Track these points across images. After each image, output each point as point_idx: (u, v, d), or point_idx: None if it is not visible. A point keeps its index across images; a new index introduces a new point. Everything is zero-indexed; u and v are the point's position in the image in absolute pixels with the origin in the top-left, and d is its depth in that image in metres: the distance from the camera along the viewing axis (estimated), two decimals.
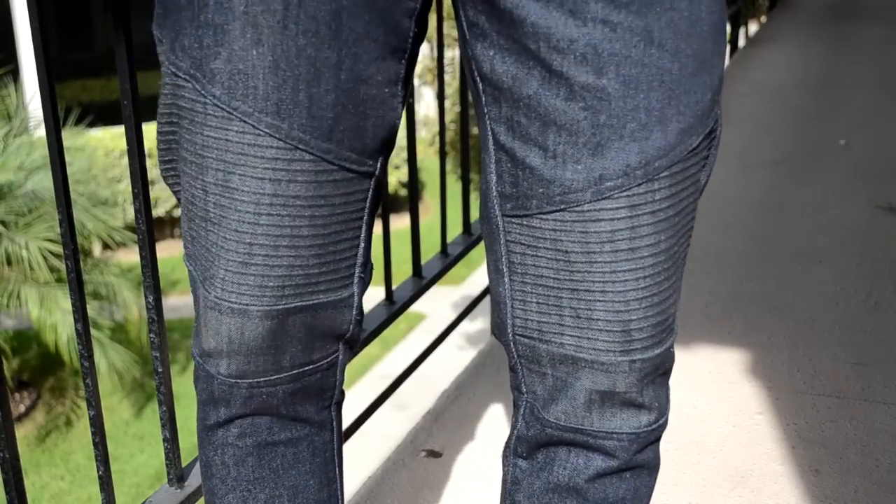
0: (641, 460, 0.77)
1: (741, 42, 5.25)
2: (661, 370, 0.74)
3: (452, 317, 1.87)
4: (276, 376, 0.77)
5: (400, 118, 0.74)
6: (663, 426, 0.77)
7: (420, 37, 0.73)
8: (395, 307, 1.57)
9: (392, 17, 0.68)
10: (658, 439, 0.78)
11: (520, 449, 0.80)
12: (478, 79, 0.69)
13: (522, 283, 0.72)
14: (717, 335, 1.97)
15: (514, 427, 0.81)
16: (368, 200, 0.75)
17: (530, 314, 0.73)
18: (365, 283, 0.80)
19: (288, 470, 0.82)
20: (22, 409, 6.32)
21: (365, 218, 0.76)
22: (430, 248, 1.67)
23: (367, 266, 0.79)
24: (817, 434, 1.60)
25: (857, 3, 6.53)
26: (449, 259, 1.76)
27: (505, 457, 0.83)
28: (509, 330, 0.75)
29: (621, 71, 0.63)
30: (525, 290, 0.72)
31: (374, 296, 1.64)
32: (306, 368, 0.78)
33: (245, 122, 0.67)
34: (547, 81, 0.64)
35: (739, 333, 1.97)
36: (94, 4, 9.11)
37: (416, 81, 7.63)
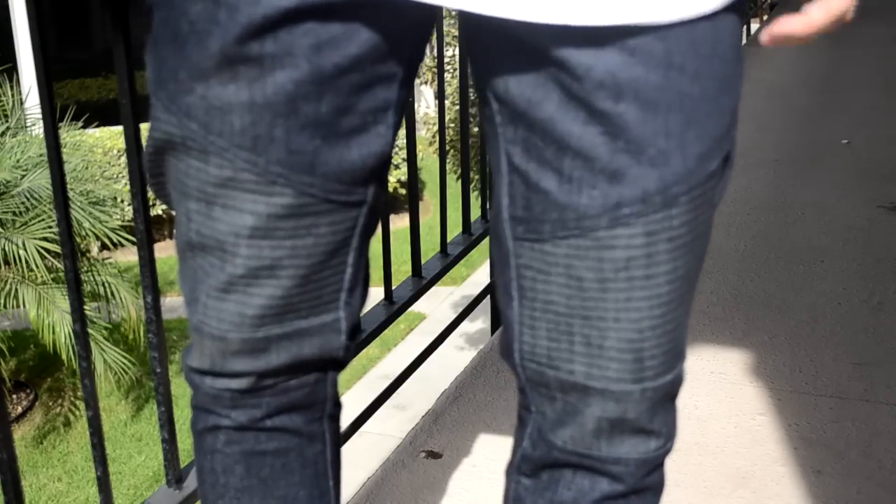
0: (648, 483, 0.76)
1: (743, 40, 5.25)
2: (670, 395, 0.73)
3: (452, 317, 1.87)
4: (259, 391, 0.76)
5: (390, 146, 0.72)
6: (670, 448, 0.76)
7: (415, 61, 0.70)
8: (394, 307, 1.56)
9: (382, 47, 0.66)
10: (664, 462, 0.77)
11: (524, 467, 0.79)
12: (492, 100, 0.67)
13: (532, 308, 0.70)
14: (719, 335, 1.97)
15: (518, 445, 0.79)
16: (358, 228, 0.73)
17: (539, 340, 0.71)
18: (353, 308, 0.77)
19: (277, 480, 0.80)
20: (19, 409, 6.30)
21: (354, 244, 0.73)
22: (430, 247, 1.66)
23: (356, 291, 0.77)
24: (819, 435, 1.59)
25: (858, 2, 6.51)
26: (449, 259, 1.75)
27: (508, 474, 0.81)
28: (516, 354, 0.73)
29: (640, 96, 0.61)
30: (535, 316, 0.70)
31: (373, 296, 1.64)
32: (291, 383, 0.77)
33: (221, 157, 0.66)
34: (564, 105, 0.62)
35: (741, 334, 1.97)
36: (93, 3, 9.10)
37: (416, 81, 7.61)
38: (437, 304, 6.76)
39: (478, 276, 7.20)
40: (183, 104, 0.65)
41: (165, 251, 7.66)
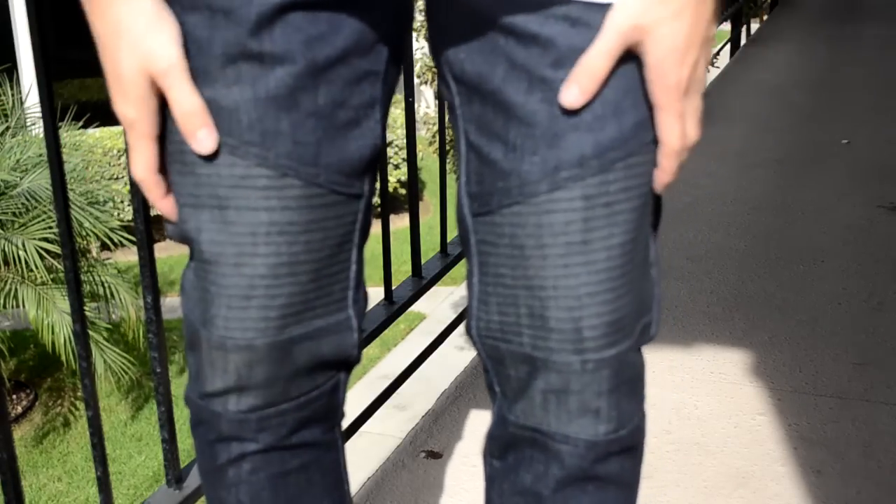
0: (603, 472, 0.75)
1: (742, 40, 5.25)
2: (621, 376, 0.73)
3: (452, 317, 1.87)
4: (285, 406, 0.77)
5: (381, 139, 0.75)
6: (626, 439, 0.75)
7: (396, 58, 0.74)
8: (394, 307, 1.56)
9: (365, 42, 0.70)
10: (623, 452, 0.76)
11: (492, 448, 0.81)
12: (451, 81, 0.70)
13: (486, 282, 0.73)
14: (719, 335, 1.97)
15: (489, 426, 0.82)
16: (358, 223, 0.76)
17: (492, 314, 0.73)
18: (360, 307, 0.80)
19: (302, 496, 0.81)
20: (19, 409, 6.31)
21: (355, 240, 0.76)
22: (430, 248, 1.66)
23: (360, 289, 0.79)
24: (819, 435, 1.59)
25: (858, 2, 6.53)
26: (449, 259, 1.75)
27: (483, 456, 0.83)
28: (474, 331, 0.75)
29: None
30: (488, 291, 0.73)
31: (374, 296, 1.63)
32: (312, 394, 0.78)
33: (233, 155, 0.68)
34: (510, 75, 0.66)
35: (741, 333, 1.97)
36: None
37: (415, 80, 7.62)
38: (437, 304, 6.76)
39: None
40: None
41: (165, 251, 7.66)
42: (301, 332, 0.75)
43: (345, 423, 1.49)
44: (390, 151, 8.57)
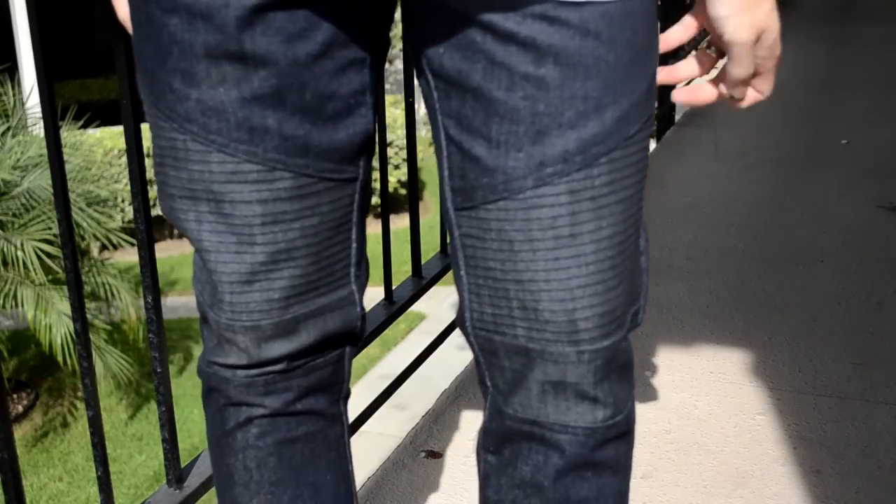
0: (601, 458, 0.77)
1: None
2: (614, 364, 0.74)
3: (452, 317, 1.87)
4: (290, 372, 0.80)
5: (373, 123, 0.77)
6: (622, 424, 0.77)
7: (381, 46, 0.76)
8: (394, 307, 1.57)
9: (346, 34, 0.71)
10: (619, 437, 0.77)
11: (487, 443, 0.81)
12: (430, 76, 0.71)
13: (475, 276, 0.74)
14: (718, 335, 1.97)
15: (483, 421, 0.82)
16: (355, 204, 0.78)
17: (484, 307, 0.74)
18: (362, 281, 0.82)
19: (307, 467, 0.83)
20: (20, 409, 6.30)
21: (354, 220, 0.79)
22: (430, 247, 1.66)
23: (362, 264, 0.82)
24: (818, 434, 1.59)
25: (858, 2, 6.53)
26: (449, 259, 1.75)
27: (477, 453, 0.84)
28: (467, 323, 0.76)
29: (559, 61, 0.65)
30: (478, 283, 0.74)
31: (374, 296, 1.64)
32: (318, 361, 0.81)
33: (223, 152, 0.71)
34: (490, 73, 0.67)
35: (740, 333, 1.97)
36: (94, 2, 9.09)
37: (415, 81, 7.59)
38: (437, 304, 6.76)
39: None
40: (182, 110, 0.70)
41: (166, 251, 7.66)
42: (305, 311, 0.77)
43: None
44: (390, 151, 8.57)
